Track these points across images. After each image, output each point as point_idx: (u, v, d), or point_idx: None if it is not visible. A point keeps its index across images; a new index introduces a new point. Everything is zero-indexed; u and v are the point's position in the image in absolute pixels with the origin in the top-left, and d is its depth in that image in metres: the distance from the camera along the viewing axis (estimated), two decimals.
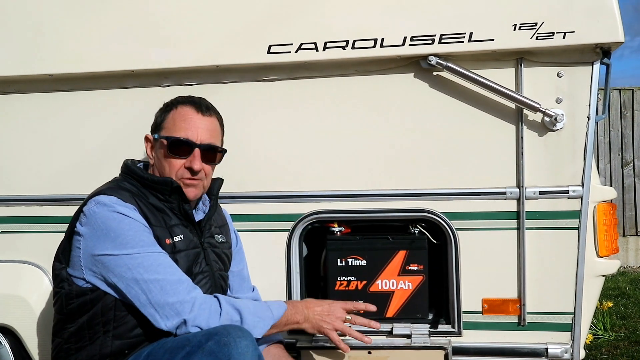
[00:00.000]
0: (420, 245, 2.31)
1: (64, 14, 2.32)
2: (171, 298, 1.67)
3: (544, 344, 2.22)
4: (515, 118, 2.19)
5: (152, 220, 1.80)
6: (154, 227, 1.79)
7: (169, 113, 1.93)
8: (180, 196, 1.87)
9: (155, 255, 1.72)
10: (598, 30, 2.05)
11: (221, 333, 1.58)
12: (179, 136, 1.88)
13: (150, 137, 1.97)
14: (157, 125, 1.95)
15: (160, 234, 1.80)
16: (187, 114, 1.90)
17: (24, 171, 2.46)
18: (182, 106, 1.92)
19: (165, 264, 1.73)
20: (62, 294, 1.80)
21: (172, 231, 1.84)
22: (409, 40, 2.14)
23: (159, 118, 1.96)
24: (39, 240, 2.43)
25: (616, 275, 5.81)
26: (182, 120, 1.89)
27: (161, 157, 1.90)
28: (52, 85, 2.40)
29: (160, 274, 1.69)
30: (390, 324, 2.30)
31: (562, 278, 2.20)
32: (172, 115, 1.92)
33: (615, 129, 6.70)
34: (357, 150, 2.28)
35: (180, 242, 1.85)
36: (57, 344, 1.83)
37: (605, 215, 2.23)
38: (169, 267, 1.73)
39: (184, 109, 1.91)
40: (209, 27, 2.24)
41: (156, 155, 1.94)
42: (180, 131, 1.88)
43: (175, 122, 1.89)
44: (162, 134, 1.91)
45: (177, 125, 1.89)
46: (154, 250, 1.73)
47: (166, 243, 1.81)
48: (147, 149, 1.97)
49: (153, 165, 1.95)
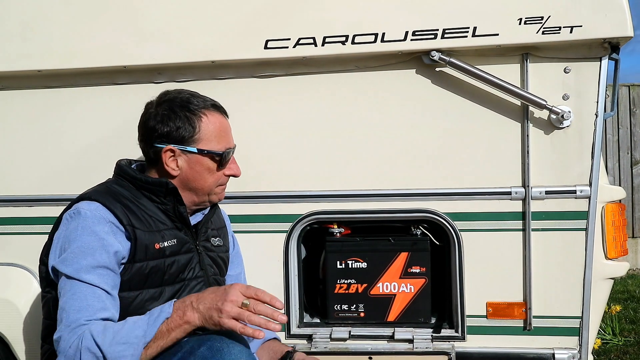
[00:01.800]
0: (422, 246, 2.27)
1: (53, 8, 2.27)
2: (56, 334, 1.58)
3: (551, 349, 2.18)
4: (521, 115, 2.16)
5: (140, 225, 1.74)
6: (143, 232, 1.73)
7: (198, 122, 1.80)
8: (176, 198, 1.82)
9: (75, 284, 1.61)
10: (606, 25, 2.01)
11: (214, 338, 1.53)
12: (228, 148, 1.85)
13: (176, 149, 1.80)
14: (184, 137, 1.80)
15: (149, 238, 1.74)
16: (222, 123, 1.85)
17: (12, 170, 2.41)
18: (210, 113, 1.83)
19: (79, 295, 1.60)
20: (49, 299, 1.75)
21: (164, 235, 1.78)
22: (411, 35, 2.11)
23: (184, 129, 1.79)
24: (27, 242, 2.37)
25: (625, 278, 5.74)
26: (221, 130, 1.84)
27: (201, 170, 1.82)
28: (41, 82, 2.36)
29: (66, 305, 1.60)
30: (392, 329, 2.26)
31: (569, 281, 2.16)
32: (206, 125, 1.81)
33: (624, 126, 6.62)
34: (358, 148, 2.24)
35: (172, 246, 1.79)
36: (46, 350, 1.78)
37: (613, 216, 2.19)
38: (79, 301, 1.60)
39: (216, 117, 1.84)
40: (204, 21, 2.20)
41: (189, 168, 1.82)
42: (223, 142, 1.84)
43: (216, 134, 1.82)
44: (200, 147, 1.80)
45: (220, 137, 1.83)
46: (79, 278, 1.62)
47: (155, 248, 1.74)
48: (167, 160, 1.81)
49: (177, 177, 1.83)
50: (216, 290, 1.60)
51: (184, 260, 1.82)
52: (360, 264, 2.28)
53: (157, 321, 1.57)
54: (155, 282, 1.74)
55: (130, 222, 1.71)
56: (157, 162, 1.83)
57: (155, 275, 1.74)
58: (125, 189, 1.80)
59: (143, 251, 1.72)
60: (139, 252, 1.71)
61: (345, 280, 2.29)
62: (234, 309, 1.53)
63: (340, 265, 2.29)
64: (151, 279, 1.73)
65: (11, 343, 2.31)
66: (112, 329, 1.57)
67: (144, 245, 1.72)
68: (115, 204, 1.72)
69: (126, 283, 1.69)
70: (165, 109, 1.81)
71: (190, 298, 1.61)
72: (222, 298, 1.55)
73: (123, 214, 1.71)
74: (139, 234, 1.72)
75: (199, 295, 1.60)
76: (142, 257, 1.72)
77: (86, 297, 1.60)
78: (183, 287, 1.81)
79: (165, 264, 1.76)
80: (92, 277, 1.62)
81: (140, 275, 1.71)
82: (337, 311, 2.30)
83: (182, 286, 1.81)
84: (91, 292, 1.61)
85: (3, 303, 2.33)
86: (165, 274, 1.76)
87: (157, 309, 1.61)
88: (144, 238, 1.72)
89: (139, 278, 1.71)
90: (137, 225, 1.73)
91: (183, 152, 1.81)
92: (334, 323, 2.31)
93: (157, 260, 1.74)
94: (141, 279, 1.71)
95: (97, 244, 1.65)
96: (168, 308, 1.59)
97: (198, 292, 1.81)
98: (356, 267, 2.28)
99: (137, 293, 1.71)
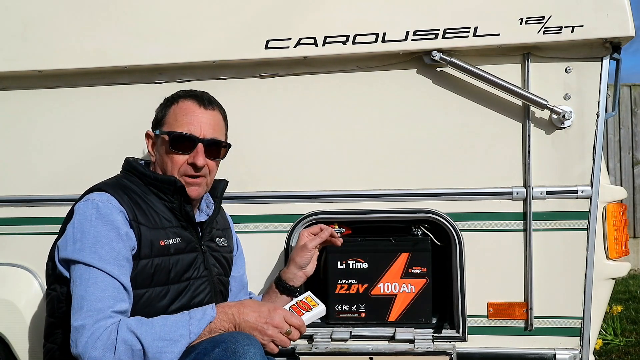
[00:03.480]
0: (423, 247, 2.26)
1: (54, 8, 2.27)
2: (77, 321, 1.56)
3: (552, 349, 2.17)
4: (522, 115, 2.15)
5: (146, 221, 1.74)
6: (148, 228, 1.74)
7: (170, 108, 1.88)
8: (183, 196, 1.82)
9: (94, 272, 1.61)
10: (607, 24, 2.01)
11: (228, 340, 1.53)
12: (181, 131, 1.83)
13: (151, 133, 1.91)
14: (158, 120, 1.90)
15: (155, 235, 1.75)
16: (189, 108, 1.85)
17: (13, 171, 2.40)
18: (184, 100, 1.88)
19: (100, 285, 1.60)
20: (53, 297, 1.75)
21: (169, 233, 1.79)
22: (412, 35, 2.10)
23: (160, 113, 1.90)
24: (29, 242, 2.37)
25: (626, 279, 5.75)
26: (184, 114, 1.84)
27: (163, 153, 1.85)
28: (41, 82, 2.35)
29: (87, 293, 1.59)
30: (393, 329, 2.25)
31: (570, 281, 2.15)
32: (174, 110, 1.87)
33: (625, 126, 6.61)
34: (358, 148, 2.23)
35: (177, 244, 1.80)
36: (48, 349, 1.77)
37: (615, 216, 2.19)
38: (100, 291, 1.59)
39: (186, 103, 1.87)
40: (205, 21, 2.20)
41: (158, 152, 1.88)
42: (183, 126, 1.83)
43: (177, 117, 1.85)
44: (163, 130, 1.86)
45: (179, 120, 1.84)
46: (99, 267, 1.61)
47: (160, 245, 1.75)
48: (148, 145, 1.92)
49: (155, 163, 1.90)
50: (259, 309, 1.65)
51: (188, 259, 1.82)
52: (361, 264, 2.27)
53: (201, 322, 1.60)
54: (161, 280, 1.75)
55: (136, 217, 1.72)
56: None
57: (160, 273, 1.74)
58: (134, 184, 1.82)
59: (148, 247, 1.72)
60: (144, 247, 1.71)
61: (346, 281, 2.28)
62: (279, 336, 1.63)
63: (341, 266, 2.28)
64: (157, 277, 1.74)
65: (11, 343, 2.31)
66: (151, 324, 1.58)
67: (149, 240, 1.73)
68: (124, 198, 1.73)
69: (133, 280, 1.69)
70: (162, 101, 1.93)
71: (231, 309, 1.65)
72: (265, 320, 1.62)
73: (130, 208, 1.72)
74: (143, 230, 1.72)
75: (239, 309, 1.65)
76: (147, 254, 1.72)
77: (107, 287, 1.61)
78: (188, 287, 1.81)
79: (170, 262, 1.76)
80: (112, 268, 1.62)
81: (146, 273, 1.71)
82: (338, 311, 2.29)
83: (187, 285, 1.81)
84: (111, 282, 1.62)
85: (3, 303, 2.32)
86: (170, 272, 1.76)
87: (198, 310, 1.64)
88: (149, 234, 1.73)
89: (146, 276, 1.71)
90: (143, 221, 1.73)
91: (155, 136, 1.89)
92: (335, 323, 2.30)
93: (161, 257, 1.75)
94: (147, 277, 1.72)
95: (113, 233, 1.65)
96: (211, 312, 1.63)
97: (203, 291, 1.83)
98: (357, 267, 2.28)
99: (145, 291, 1.71)
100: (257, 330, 1.62)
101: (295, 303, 1.80)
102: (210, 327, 1.61)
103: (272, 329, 1.62)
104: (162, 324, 1.59)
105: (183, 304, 1.77)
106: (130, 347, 1.53)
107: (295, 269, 2.02)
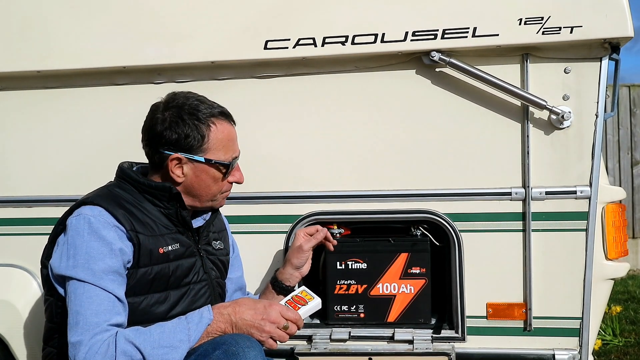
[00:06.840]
0: (422, 247, 2.26)
1: (53, 8, 2.26)
2: (74, 337, 1.55)
3: (551, 349, 2.17)
4: (521, 116, 2.15)
5: (144, 229, 1.72)
6: (147, 236, 1.71)
7: (207, 131, 1.77)
8: (179, 203, 1.80)
9: (89, 287, 1.60)
10: (606, 25, 2.00)
11: (229, 342, 1.52)
12: (235, 157, 1.83)
13: (182, 157, 1.77)
14: (192, 146, 1.76)
15: (153, 243, 1.72)
16: (230, 133, 1.82)
17: (12, 171, 2.40)
18: (220, 122, 1.80)
19: (95, 299, 1.59)
20: (51, 302, 1.73)
21: (167, 239, 1.77)
22: (411, 36, 2.10)
23: (194, 137, 1.76)
24: (28, 242, 2.36)
25: (625, 279, 5.72)
26: (228, 140, 1.81)
27: (207, 179, 1.80)
28: (41, 82, 2.34)
29: (82, 308, 1.58)
30: (392, 329, 2.25)
31: (569, 281, 2.15)
32: (215, 135, 1.78)
33: (624, 127, 6.59)
34: (357, 149, 2.23)
35: (175, 250, 1.78)
36: (47, 353, 1.77)
37: (614, 217, 2.19)
38: (96, 305, 1.59)
39: (224, 126, 1.81)
40: (204, 21, 2.19)
41: (194, 175, 1.79)
42: (229, 152, 1.82)
43: (224, 144, 1.80)
44: (209, 157, 1.78)
45: (227, 147, 1.81)
46: (92, 282, 1.60)
47: (159, 252, 1.73)
48: (173, 167, 1.78)
49: (181, 184, 1.81)
50: (254, 306, 1.65)
51: (187, 264, 1.81)
52: (360, 265, 2.27)
53: (200, 326, 1.60)
54: (160, 286, 1.73)
55: (133, 227, 1.69)
56: (161, 167, 1.80)
57: (160, 279, 1.73)
58: (127, 193, 1.78)
59: (147, 256, 1.70)
60: (143, 257, 1.69)
61: (345, 281, 2.28)
62: (277, 331, 1.63)
63: (340, 266, 2.28)
64: (156, 284, 1.72)
65: (11, 345, 2.30)
66: (149, 332, 1.57)
67: (148, 249, 1.70)
68: (118, 209, 1.70)
69: (131, 289, 1.67)
70: (173, 115, 1.76)
71: (227, 309, 1.64)
72: (262, 317, 1.62)
73: (126, 218, 1.69)
74: (142, 238, 1.70)
75: (235, 308, 1.65)
76: (146, 262, 1.70)
77: (102, 301, 1.59)
78: (188, 291, 1.80)
79: (170, 269, 1.75)
80: (105, 283, 1.61)
81: (145, 280, 1.70)
82: (337, 312, 2.29)
83: (187, 290, 1.80)
84: (106, 296, 1.60)
85: (3, 304, 2.31)
86: (170, 278, 1.75)
87: (194, 314, 1.63)
88: (148, 243, 1.71)
89: (144, 283, 1.70)
90: (140, 230, 1.71)
91: (190, 161, 1.78)
92: (334, 324, 2.30)
93: (161, 264, 1.73)
94: (146, 284, 1.70)
95: (105, 249, 1.63)
96: (208, 314, 1.62)
97: (203, 295, 1.82)
98: (356, 267, 2.27)
99: (143, 298, 1.70)
100: (254, 328, 1.61)
101: (290, 298, 1.80)
102: (208, 329, 1.60)
103: (269, 324, 1.62)
104: (160, 331, 1.58)
105: (183, 308, 1.76)
106: (130, 357, 1.53)
107: (291, 269, 2.03)
